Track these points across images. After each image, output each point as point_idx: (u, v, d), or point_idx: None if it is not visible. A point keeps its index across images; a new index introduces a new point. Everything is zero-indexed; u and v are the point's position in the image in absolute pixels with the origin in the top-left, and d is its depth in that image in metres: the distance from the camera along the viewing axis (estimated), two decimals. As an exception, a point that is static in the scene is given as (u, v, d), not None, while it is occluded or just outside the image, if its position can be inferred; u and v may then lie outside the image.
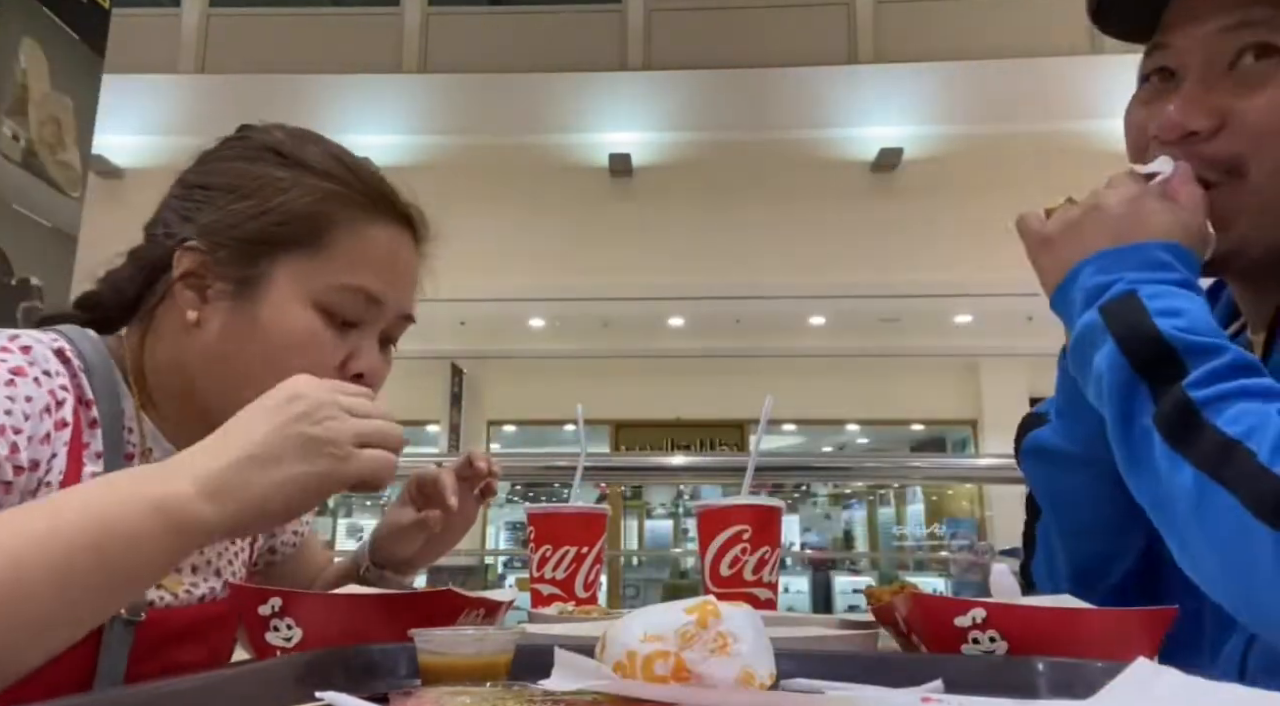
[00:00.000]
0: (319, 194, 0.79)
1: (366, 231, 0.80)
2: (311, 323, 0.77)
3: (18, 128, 2.68)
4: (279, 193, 0.78)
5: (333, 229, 0.78)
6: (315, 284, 0.78)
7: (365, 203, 0.81)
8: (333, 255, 0.78)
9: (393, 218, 0.83)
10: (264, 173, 0.80)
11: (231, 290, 0.77)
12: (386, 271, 0.81)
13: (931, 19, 7.71)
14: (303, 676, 0.52)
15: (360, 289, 0.79)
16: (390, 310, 0.82)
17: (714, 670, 0.42)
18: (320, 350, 0.77)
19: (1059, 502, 0.86)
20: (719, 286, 7.62)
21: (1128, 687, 0.43)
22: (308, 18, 8.35)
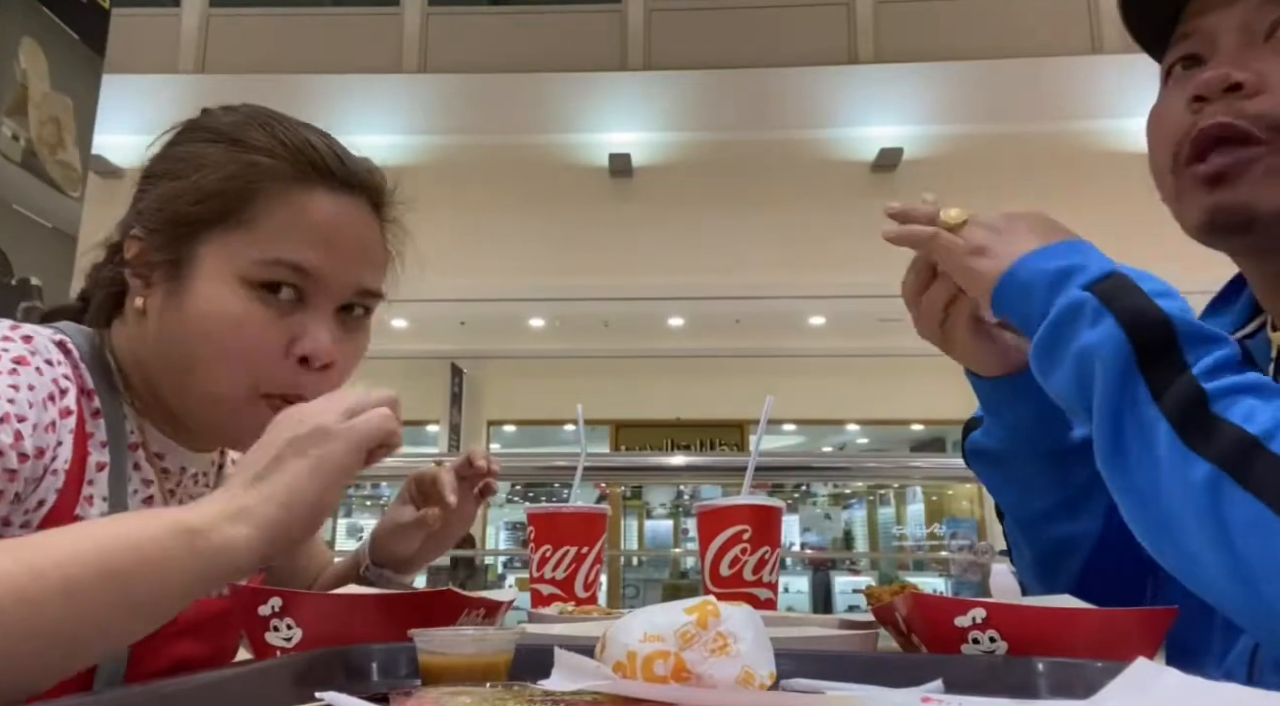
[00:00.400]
0: (239, 166, 0.74)
1: (297, 200, 0.75)
2: (241, 303, 0.73)
3: (18, 128, 2.68)
4: (198, 168, 0.75)
5: (256, 201, 0.74)
6: (240, 261, 0.73)
7: (295, 172, 0.75)
8: (257, 228, 0.74)
9: (334, 185, 0.77)
10: (195, 152, 0.76)
11: (165, 273, 0.75)
12: (323, 242, 0.75)
13: (931, 19, 7.71)
14: (303, 676, 0.52)
15: (286, 262, 0.73)
16: (334, 283, 0.76)
17: (714, 670, 0.42)
18: (256, 332, 0.73)
19: (1005, 498, 0.88)
20: (719, 286, 7.62)
21: (1128, 687, 0.43)
22: (308, 18, 8.34)
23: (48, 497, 0.70)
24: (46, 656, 0.50)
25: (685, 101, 7.74)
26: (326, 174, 0.77)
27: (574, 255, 7.73)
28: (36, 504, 0.69)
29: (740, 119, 7.69)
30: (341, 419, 0.63)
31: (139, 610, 0.54)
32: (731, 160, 7.76)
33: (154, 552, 0.53)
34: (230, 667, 0.55)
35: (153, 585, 0.53)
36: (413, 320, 8.59)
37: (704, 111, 7.73)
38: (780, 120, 7.69)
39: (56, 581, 0.49)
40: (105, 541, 0.52)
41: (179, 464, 0.84)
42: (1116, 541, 0.81)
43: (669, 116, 7.82)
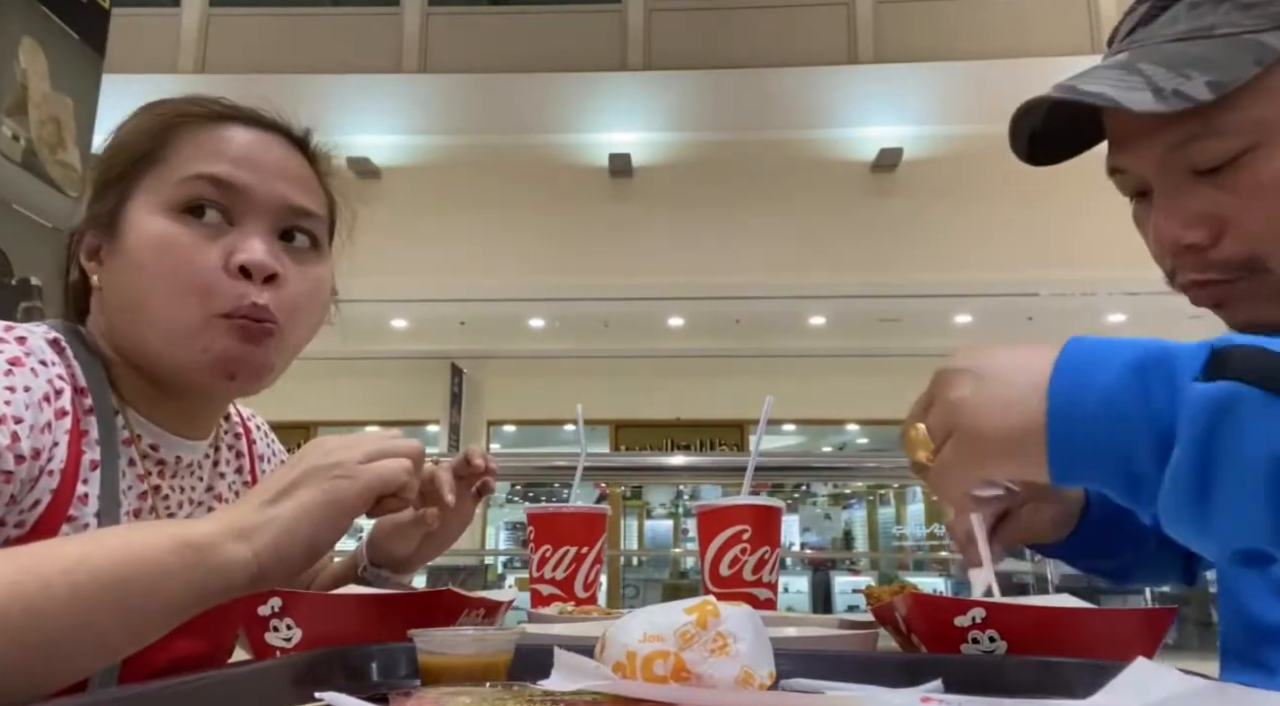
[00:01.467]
0: (154, 118, 0.78)
1: (212, 131, 0.77)
2: (167, 227, 0.74)
3: (18, 128, 2.68)
4: (120, 133, 0.79)
5: (173, 140, 0.76)
6: (162, 192, 0.75)
7: (207, 117, 0.78)
8: (173, 160, 0.76)
9: (248, 123, 0.79)
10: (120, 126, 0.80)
11: (104, 239, 0.77)
12: (241, 160, 0.76)
13: (931, 19, 7.71)
14: (303, 676, 0.52)
15: (203, 175, 0.74)
16: (258, 197, 0.76)
17: (714, 670, 0.42)
18: (186, 250, 0.73)
19: None
20: (719, 286, 7.62)
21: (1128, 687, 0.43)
22: (308, 18, 8.34)
23: (43, 498, 0.70)
24: (50, 664, 0.50)
25: (685, 101, 7.74)
26: (237, 116, 0.79)
27: (574, 255, 7.73)
28: (31, 504, 0.69)
29: (740, 119, 7.69)
30: (362, 460, 0.65)
31: (139, 622, 0.54)
32: (731, 160, 7.76)
33: (156, 566, 0.54)
34: (230, 667, 0.55)
35: (153, 598, 0.54)
36: (413, 320, 8.60)
37: (704, 111, 7.73)
38: (780, 120, 7.69)
39: (63, 590, 0.50)
40: (111, 553, 0.53)
41: (174, 454, 0.83)
42: None
43: (669, 116, 7.82)
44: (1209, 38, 0.66)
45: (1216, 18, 0.66)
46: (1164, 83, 0.64)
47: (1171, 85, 0.64)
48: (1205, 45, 0.66)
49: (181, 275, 0.73)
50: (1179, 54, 0.66)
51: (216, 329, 0.74)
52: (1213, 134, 0.66)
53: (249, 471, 0.95)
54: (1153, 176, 0.71)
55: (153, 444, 0.81)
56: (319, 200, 0.84)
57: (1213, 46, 0.66)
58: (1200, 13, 0.67)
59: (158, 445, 0.81)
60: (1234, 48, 0.65)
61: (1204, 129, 0.66)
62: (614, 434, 9.60)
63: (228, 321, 0.74)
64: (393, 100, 7.79)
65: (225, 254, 0.74)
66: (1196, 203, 0.68)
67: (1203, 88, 0.63)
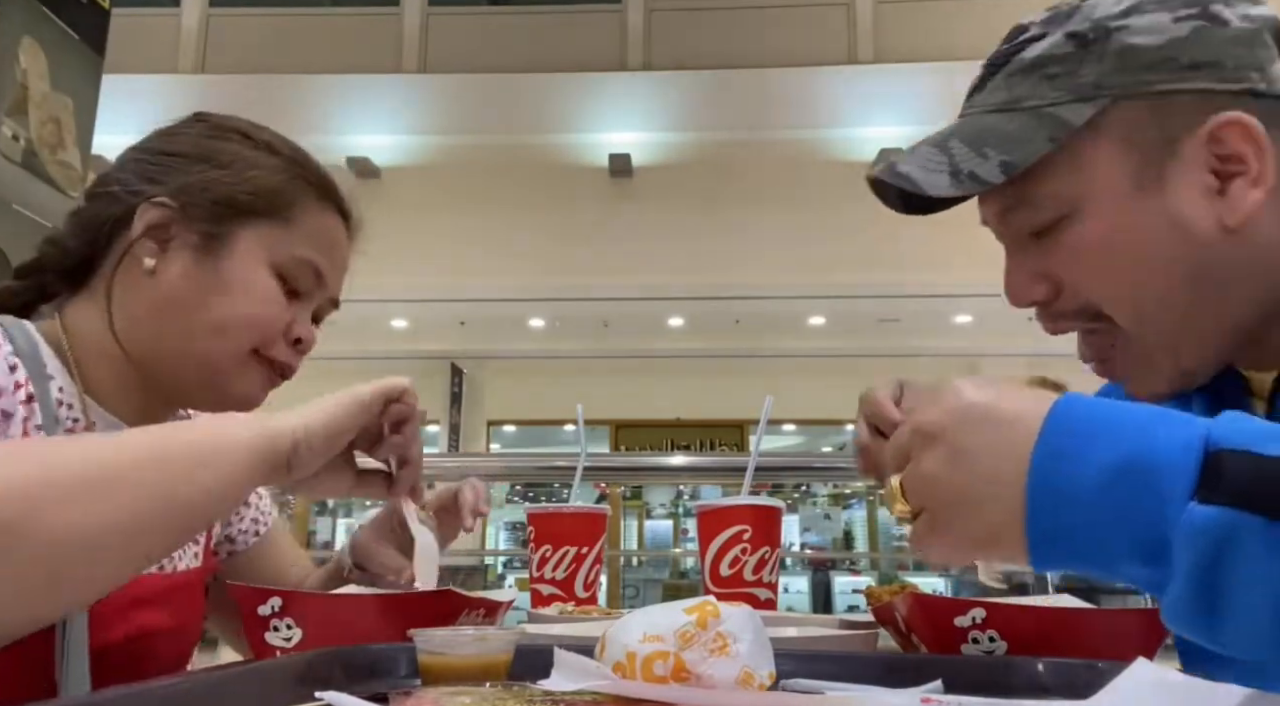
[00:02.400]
0: (287, 175, 0.88)
1: (320, 215, 0.90)
2: (269, 283, 0.86)
3: (18, 128, 2.68)
4: (251, 167, 0.87)
5: (294, 207, 0.87)
6: (276, 252, 0.86)
7: (319, 190, 0.90)
8: (293, 229, 0.87)
9: (338, 209, 0.93)
10: (237, 150, 0.88)
11: (196, 243, 0.84)
12: (332, 254, 0.91)
13: (931, 19, 7.71)
14: (303, 676, 0.52)
15: (312, 263, 0.88)
16: (329, 288, 0.92)
17: (714, 670, 0.42)
18: (273, 309, 0.85)
19: None
20: (719, 286, 7.62)
21: (1128, 687, 0.43)
22: (308, 18, 8.34)
23: None
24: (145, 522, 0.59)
25: (685, 101, 7.74)
26: (336, 198, 0.92)
27: (574, 255, 7.73)
28: None
29: (740, 119, 7.69)
30: None
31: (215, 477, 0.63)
32: (731, 160, 7.77)
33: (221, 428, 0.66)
34: (230, 667, 0.55)
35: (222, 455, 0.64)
36: (413, 320, 8.60)
37: (704, 111, 7.73)
38: (780, 120, 7.69)
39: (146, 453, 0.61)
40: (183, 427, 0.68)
41: None
42: None
43: (669, 116, 7.83)
44: (1015, 110, 0.68)
45: (1024, 89, 0.68)
46: (963, 164, 0.67)
47: (969, 167, 0.67)
48: (1009, 119, 0.68)
49: (261, 321, 0.85)
50: (985, 129, 0.68)
51: (252, 367, 0.86)
52: (1024, 205, 0.69)
53: None
54: (997, 236, 0.75)
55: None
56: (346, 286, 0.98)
57: (1015, 121, 0.67)
58: (1014, 82, 0.69)
59: None
60: (1033, 123, 0.66)
61: (1016, 201, 0.69)
62: (614, 434, 9.60)
63: (265, 363, 0.87)
64: (393, 100, 7.79)
65: (289, 321, 0.87)
66: (1032, 262, 0.71)
67: (995, 169, 0.66)
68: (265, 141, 0.90)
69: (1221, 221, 0.64)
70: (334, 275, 0.92)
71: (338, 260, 0.92)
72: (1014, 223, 0.71)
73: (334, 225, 0.92)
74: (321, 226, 0.90)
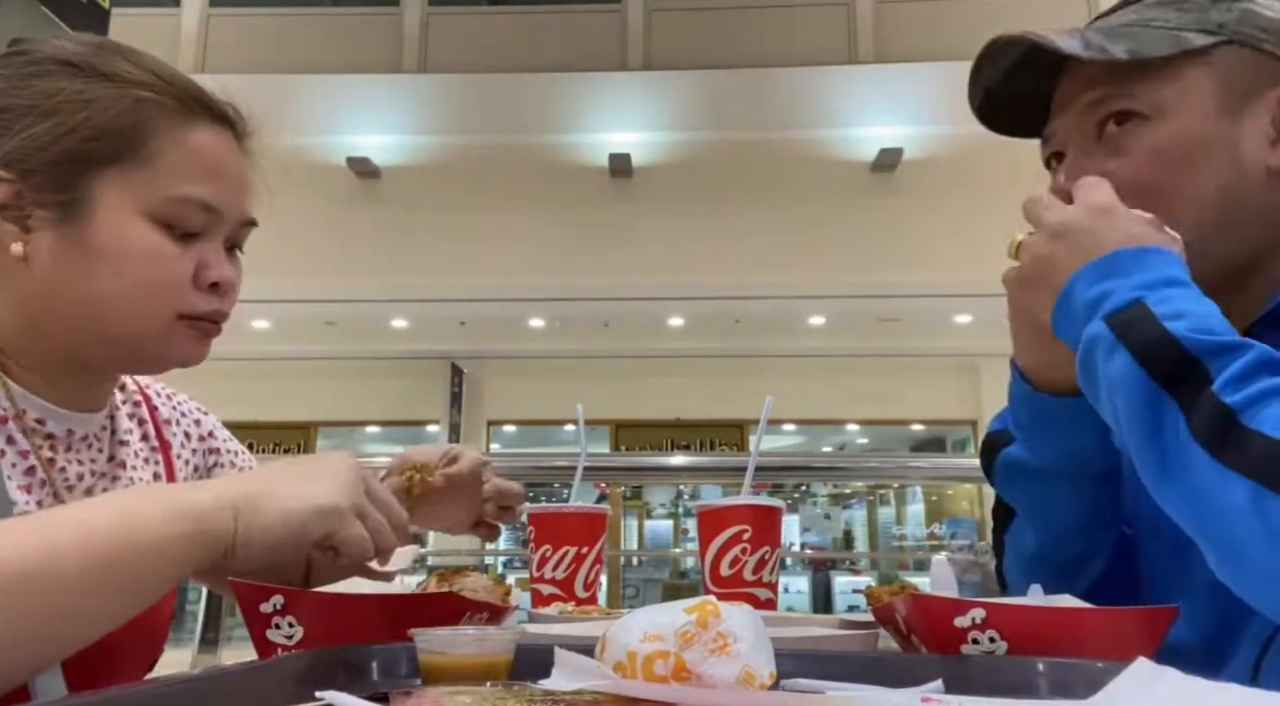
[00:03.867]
0: (128, 103, 0.75)
1: (187, 137, 0.77)
2: (151, 237, 0.75)
3: (18, 128, 2.68)
4: (83, 107, 0.73)
5: (152, 138, 0.75)
6: (147, 198, 0.75)
7: (178, 106, 0.77)
8: (158, 166, 0.75)
9: (211, 119, 0.79)
10: (60, 87, 0.74)
11: (54, 216, 0.73)
12: (217, 177, 0.78)
13: (931, 19, 7.71)
14: (303, 675, 0.52)
15: (194, 199, 0.76)
16: (229, 216, 0.80)
17: (714, 670, 0.42)
18: (167, 264, 0.75)
19: (1038, 512, 0.89)
20: (719, 286, 7.62)
21: (1128, 687, 0.43)
22: (308, 18, 8.34)
23: None
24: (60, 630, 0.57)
25: (685, 101, 7.74)
26: (203, 108, 0.79)
27: (574, 255, 7.73)
28: None
29: (740, 119, 7.69)
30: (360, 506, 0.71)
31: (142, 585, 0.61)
32: (731, 160, 7.76)
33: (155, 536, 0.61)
34: (230, 667, 0.55)
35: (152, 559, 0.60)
36: (413, 320, 8.59)
37: (704, 111, 7.73)
38: (780, 120, 7.69)
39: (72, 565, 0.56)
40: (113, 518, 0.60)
41: (64, 427, 0.81)
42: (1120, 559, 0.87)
43: (669, 116, 7.83)
44: (1145, 27, 0.80)
45: (1155, 13, 0.81)
46: (1094, 41, 0.79)
47: (1099, 43, 0.78)
48: (1140, 29, 0.80)
49: (161, 286, 0.75)
50: (1118, 30, 0.81)
51: (180, 331, 0.78)
52: (1123, 94, 0.79)
53: (155, 437, 0.93)
54: (1070, 138, 0.83)
55: (38, 418, 0.79)
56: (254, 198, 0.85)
57: (1145, 32, 0.80)
58: (1146, 9, 0.82)
59: (44, 419, 0.79)
60: (1160, 35, 0.79)
61: (1118, 91, 0.79)
62: (614, 434, 9.60)
63: (188, 324, 0.78)
64: (393, 100, 7.79)
65: (195, 266, 0.77)
66: (1091, 162, 0.80)
67: (1121, 51, 0.78)
68: (96, 68, 0.75)
69: (1266, 162, 0.76)
70: (231, 196, 0.79)
71: (229, 178, 0.80)
72: (1101, 110, 0.80)
73: (210, 140, 0.78)
74: (193, 149, 0.77)
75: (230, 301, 0.81)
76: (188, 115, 0.77)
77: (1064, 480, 0.84)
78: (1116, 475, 0.85)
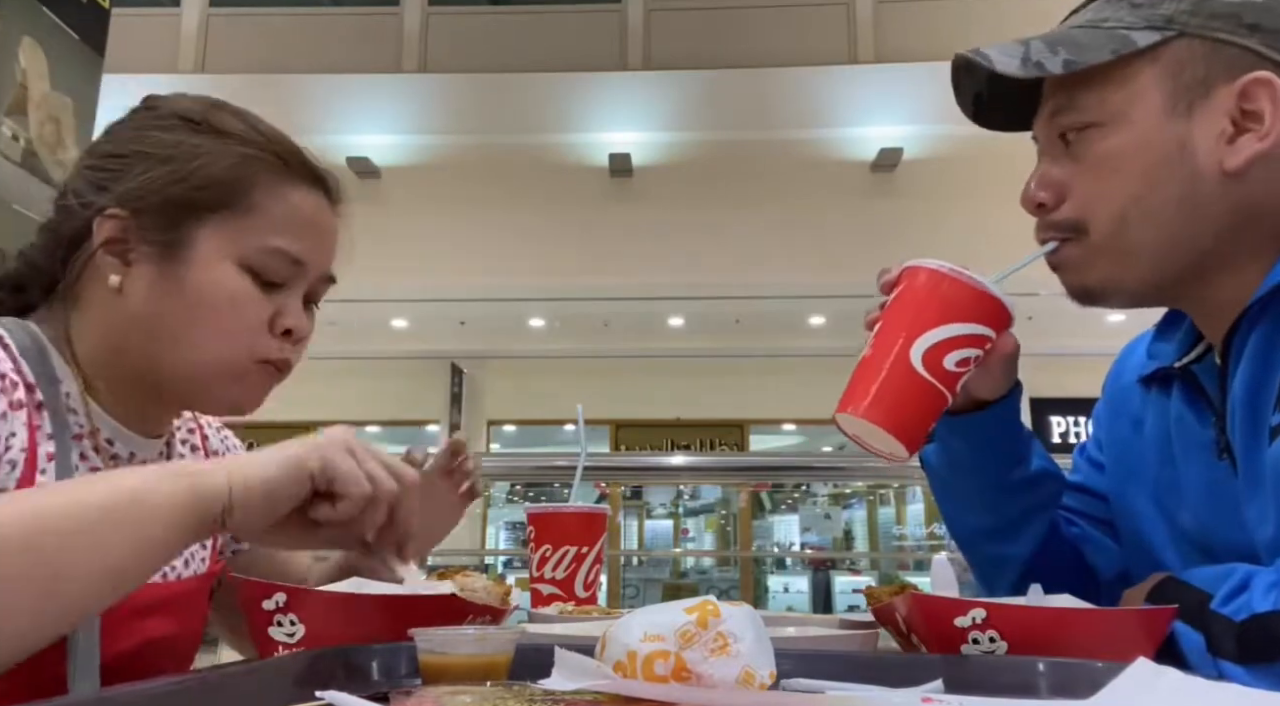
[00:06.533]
0: (236, 158, 0.81)
1: (286, 194, 0.83)
2: (238, 282, 0.80)
3: (18, 128, 2.68)
4: (196, 158, 0.81)
5: (253, 192, 0.81)
6: (241, 246, 0.80)
7: (281, 166, 0.83)
8: (256, 218, 0.81)
9: (309, 180, 0.86)
10: (180, 140, 0.82)
11: (156, 253, 0.80)
12: (308, 234, 0.84)
13: (931, 19, 7.70)
14: (303, 675, 0.52)
15: (284, 251, 0.82)
16: (312, 271, 0.85)
17: (714, 670, 0.42)
18: (248, 308, 0.81)
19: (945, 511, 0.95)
20: (719, 286, 7.61)
21: (1128, 687, 0.43)
22: (308, 18, 8.34)
23: (7, 485, 0.73)
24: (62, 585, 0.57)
25: (685, 101, 7.74)
26: (303, 169, 0.85)
27: (574, 255, 7.73)
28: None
29: (740, 119, 7.69)
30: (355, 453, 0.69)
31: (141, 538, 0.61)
32: (731, 160, 7.76)
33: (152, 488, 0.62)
34: (231, 667, 0.55)
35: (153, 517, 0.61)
36: (413, 320, 8.60)
37: (704, 111, 7.73)
38: (780, 120, 7.69)
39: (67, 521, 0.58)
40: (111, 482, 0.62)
41: (128, 450, 0.85)
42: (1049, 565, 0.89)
43: (669, 116, 7.82)
44: (1096, 28, 0.78)
45: (1109, 12, 0.78)
46: (1034, 56, 0.76)
47: (1038, 58, 0.76)
48: (1087, 33, 0.77)
49: (239, 327, 0.81)
50: (1064, 36, 0.78)
51: (253, 374, 0.83)
52: (1071, 107, 0.78)
53: None
54: (1042, 144, 0.83)
55: (109, 438, 0.83)
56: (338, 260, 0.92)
57: (1091, 35, 0.77)
58: (1103, 8, 0.79)
59: (113, 440, 0.84)
60: (1104, 37, 0.76)
61: (1068, 102, 0.78)
62: (614, 434, 9.60)
63: (261, 367, 0.83)
64: (392, 100, 7.79)
65: (273, 314, 0.83)
66: (1055, 169, 0.80)
67: (1059, 64, 0.76)
68: (211, 124, 0.83)
69: (1222, 164, 0.73)
70: (317, 253, 0.85)
71: (319, 236, 0.86)
72: (1057, 123, 0.79)
73: (305, 199, 0.84)
74: (290, 206, 0.83)
75: (299, 352, 0.86)
76: (288, 174, 0.84)
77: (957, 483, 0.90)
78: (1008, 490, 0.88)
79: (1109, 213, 0.76)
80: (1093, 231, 0.78)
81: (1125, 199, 0.76)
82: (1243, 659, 0.61)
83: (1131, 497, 0.89)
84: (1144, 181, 0.75)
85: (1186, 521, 0.81)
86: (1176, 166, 0.74)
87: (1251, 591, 0.63)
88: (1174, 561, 0.82)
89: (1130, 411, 0.90)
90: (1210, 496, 0.78)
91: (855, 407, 0.75)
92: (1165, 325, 0.89)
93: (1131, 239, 0.76)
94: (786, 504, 10.96)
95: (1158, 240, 0.76)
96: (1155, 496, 0.85)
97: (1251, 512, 0.73)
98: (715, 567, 10.05)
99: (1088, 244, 0.78)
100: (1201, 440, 0.79)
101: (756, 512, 10.36)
